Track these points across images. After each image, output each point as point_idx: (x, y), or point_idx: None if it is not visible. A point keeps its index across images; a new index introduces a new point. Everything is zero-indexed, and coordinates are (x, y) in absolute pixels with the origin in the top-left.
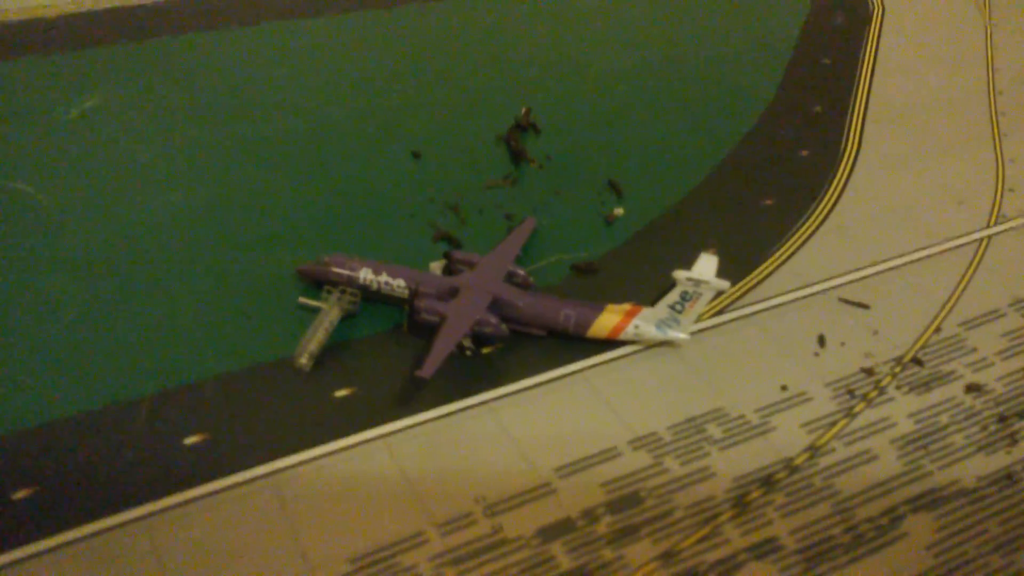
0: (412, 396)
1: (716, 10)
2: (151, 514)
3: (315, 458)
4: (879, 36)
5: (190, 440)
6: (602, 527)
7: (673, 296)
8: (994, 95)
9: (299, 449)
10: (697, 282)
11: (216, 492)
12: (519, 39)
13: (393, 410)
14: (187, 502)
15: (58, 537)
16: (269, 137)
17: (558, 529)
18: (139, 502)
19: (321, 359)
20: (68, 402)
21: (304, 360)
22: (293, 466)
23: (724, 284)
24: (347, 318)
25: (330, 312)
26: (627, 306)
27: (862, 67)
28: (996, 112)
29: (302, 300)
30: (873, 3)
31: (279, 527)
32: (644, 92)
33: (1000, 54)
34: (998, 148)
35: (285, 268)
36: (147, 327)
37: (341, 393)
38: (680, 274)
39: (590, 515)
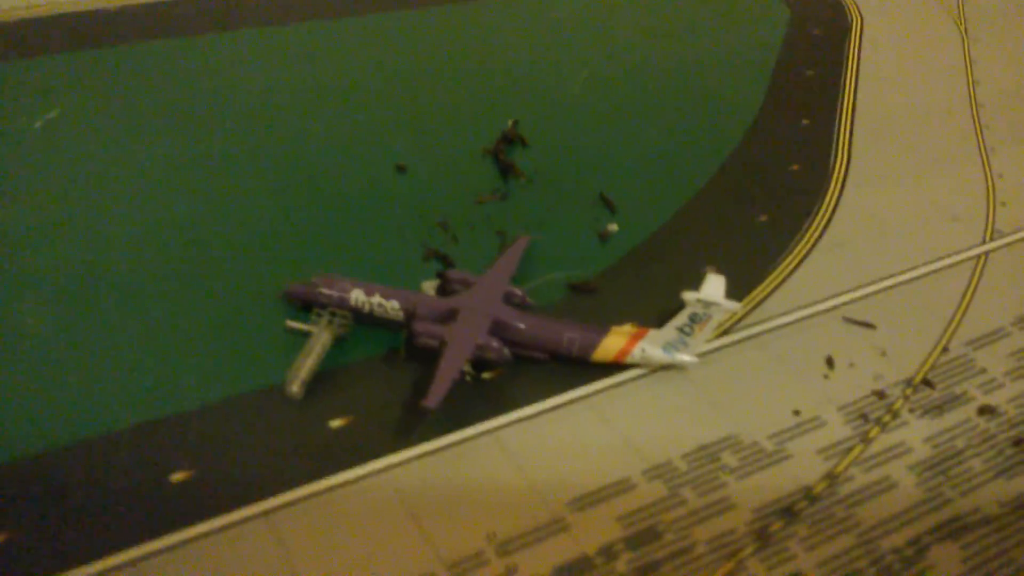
0: (412, 425)
1: (699, 22)
2: (134, 560)
3: (313, 494)
4: (859, 47)
5: (176, 477)
6: (621, 565)
7: (682, 318)
8: (976, 108)
9: (295, 485)
10: (707, 304)
11: (206, 534)
12: (504, 51)
13: (393, 440)
14: (174, 546)
15: None
16: (246, 149)
17: (576, 568)
18: (121, 547)
19: (313, 386)
20: (40, 437)
21: (295, 388)
22: (289, 503)
23: (735, 305)
24: (338, 342)
25: (321, 336)
26: (632, 328)
27: (845, 78)
28: (980, 126)
29: (290, 324)
30: (851, 14)
31: (277, 570)
32: (632, 104)
33: (978, 67)
34: (986, 162)
35: (269, 288)
36: (123, 353)
37: (337, 423)
38: (690, 295)
39: (608, 552)
